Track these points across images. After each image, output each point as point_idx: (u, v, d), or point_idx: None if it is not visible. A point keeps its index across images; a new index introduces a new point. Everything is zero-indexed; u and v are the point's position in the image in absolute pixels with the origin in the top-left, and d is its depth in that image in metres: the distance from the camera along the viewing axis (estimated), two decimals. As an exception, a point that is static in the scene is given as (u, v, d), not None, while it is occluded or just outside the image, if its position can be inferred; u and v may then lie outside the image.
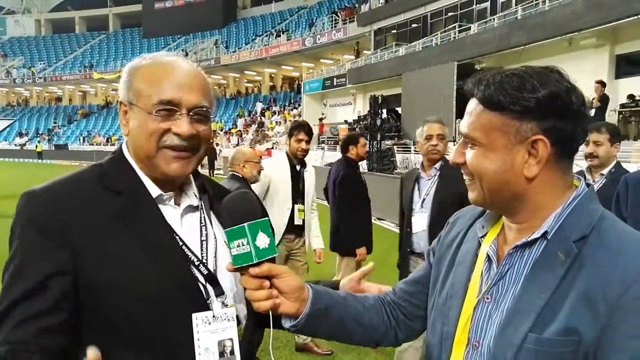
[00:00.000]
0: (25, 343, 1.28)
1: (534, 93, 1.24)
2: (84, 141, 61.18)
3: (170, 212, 1.53)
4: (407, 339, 1.71)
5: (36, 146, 57.21)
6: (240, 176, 4.76)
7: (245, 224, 1.35)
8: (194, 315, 1.45)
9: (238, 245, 1.35)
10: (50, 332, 1.31)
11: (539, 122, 1.26)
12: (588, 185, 1.36)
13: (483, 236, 1.46)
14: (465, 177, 1.41)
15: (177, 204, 1.57)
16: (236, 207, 1.42)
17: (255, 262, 1.36)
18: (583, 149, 3.90)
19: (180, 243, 1.49)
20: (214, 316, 1.47)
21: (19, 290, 1.32)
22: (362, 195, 6.14)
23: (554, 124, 1.26)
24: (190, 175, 1.62)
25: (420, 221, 4.47)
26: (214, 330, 1.47)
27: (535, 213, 1.33)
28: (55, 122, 69.78)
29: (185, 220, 1.56)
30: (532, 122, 1.26)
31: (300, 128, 5.61)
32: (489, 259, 1.40)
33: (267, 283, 1.40)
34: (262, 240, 1.36)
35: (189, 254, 1.49)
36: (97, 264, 1.37)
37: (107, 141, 58.36)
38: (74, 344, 1.36)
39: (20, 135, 67.26)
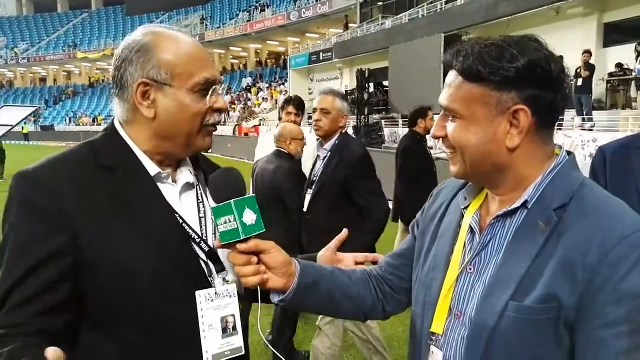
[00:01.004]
0: (21, 326, 1.27)
1: (513, 62, 1.23)
2: (70, 122, 60.76)
3: (169, 190, 1.51)
4: (395, 312, 1.70)
5: (22, 128, 56.57)
6: (286, 152, 4.78)
7: (232, 201, 1.35)
8: (198, 293, 1.44)
9: (225, 222, 1.36)
10: (47, 314, 1.29)
11: (520, 92, 1.25)
12: (569, 153, 1.35)
13: (465, 208, 1.46)
14: (446, 150, 1.40)
15: (174, 181, 1.54)
16: (222, 184, 1.42)
17: (242, 238, 1.36)
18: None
19: (181, 221, 1.47)
20: (216, 293, 1.48)
21: (14, 275, 1.29)
22: (425, 169, 6.29)
23: (534, 93, 1.25)
24: None
25: None
26: (216, 307, 1.47)
27: (518, 183, 1.32)
28: (46, 102, 69.14)
29: (183, 198, 1.54)
30: (513, 92, 1.25)
31: (290, 102, 5.59)
32: (471, 230, 1.41)
33: (254, 259, 1.41)
34: (249, 217, 1.36)
35: (190, 231, 1.47)
36: (97, 244, 1.34)
37: (94, 121, 58.18)
38: (74, 324, 1.36)
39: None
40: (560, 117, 1.41)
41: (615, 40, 20.14)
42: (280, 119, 5.83)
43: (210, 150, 1.61)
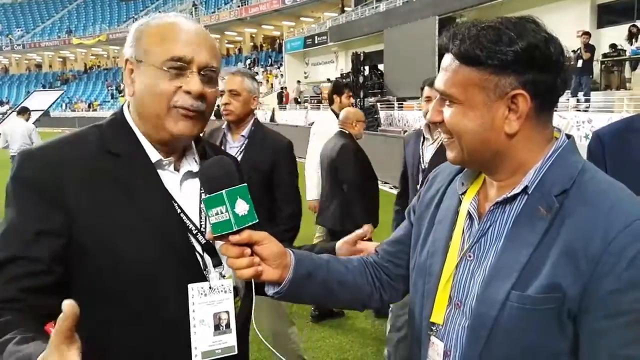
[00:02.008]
0: (11, 301, 1.26)
1: (512, 46, 1.20)
2: (65, 108, 60.50)
3: (170, 178, 1.49)
4: (392, 300, 1.67)
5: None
6: (348, 132, 5.17)
7: (223, 191, 1.31)
8: (190, 286, 1.41)
9: (217, 213, 1.32)
10: (37, 292, 1.28)
11: (518, 76, 1.21)
12: (569, 137, 1.32)
13: (463, 193, 1.43)
14: (442, 135, 1.37)
15: (177, 169, 1.52)
16: (213, 174, 1.37)
17: (235, 229, 1.32)
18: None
19: (179, 210, 1.45)
20: (210, 287, 1.44)
21: (9, 250, 1.30)
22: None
23: (533, 77, 1.21)
24: (192, 140, 1.58)
25: None
26: (209, 302, 1.43)
27: (517, 169, 1.30)
28: (42, 87, 68.66)
29: (184, 187, 1.51)
30: (511, 76, 1.21)
31: (347, 86, 6.06)
32: (470, 216, 1.38)
33: (248, 250, 1.36)
34: (241, 207, 1.32)
35: (187, 222, 1.45)
36: (91, 228, 1.34)
37: (89, 107, 57.82)
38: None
39: (1, 103, 66.34)
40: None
41: (609, 20, 20.21)
42: (332, 102, 6.09)
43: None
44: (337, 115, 5.55)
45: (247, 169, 3.57)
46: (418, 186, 3.82)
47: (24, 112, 12.05)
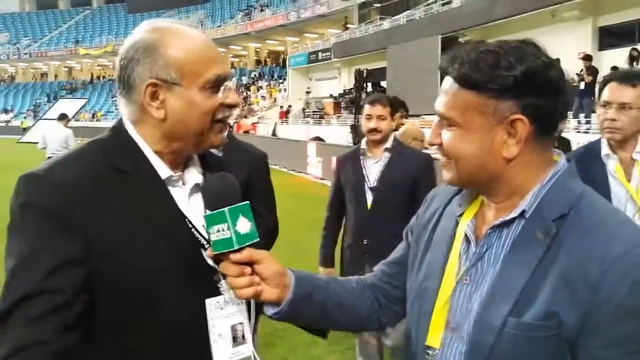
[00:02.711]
0: (43, 344, 1.20)
1: (511, 70, 1.19)
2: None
3: (179, 193, 1.45)
4: (390, 323, 1.65)
5: (21, 122, 56.55)
6: None
7: (226, 209, 1.30)
8: (207, 301, 1.39)
9: (218, 231, 1.31)
10: (68, 328, 1.24)
11: (517, 101, 1.20)
12: (568, 160, 1.31)
13: (460, 215, 1.41)
14: (440, 157, 1.35)
15: (183, 183, 1.49)
16: (216, 190, 1.37)
17: (236, 248, 1.30)
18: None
19: (190, 226, 1.42)
20: (225, 300, 1.42)
21: (27, 284, 1.22)
22: None
23: (532, 102, 1.20)
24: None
25: None
26: (226, 315, 1.42)
27: (515, 192, 1.28)
28: (47, 97, 69.06)
29: (192, 201, 1.48)
30: (510, 101, 1.20)
31: (402, 105, 6.02)
32: (467, 238, 1.36)
33: (248, 270, 1.36)
34: (243, 225, 1.31)
35: (199, 236, 1.42)
36: (108, 251, 1.29)
37: (93, 117, 57.99)
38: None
39: (6, 111, 66.64)
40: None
41: (610, 43, 20.35)
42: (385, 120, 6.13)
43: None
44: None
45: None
46: (368, 205, 3.82)
47: (64, 118, 12.80)
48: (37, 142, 13.02)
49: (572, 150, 2.35)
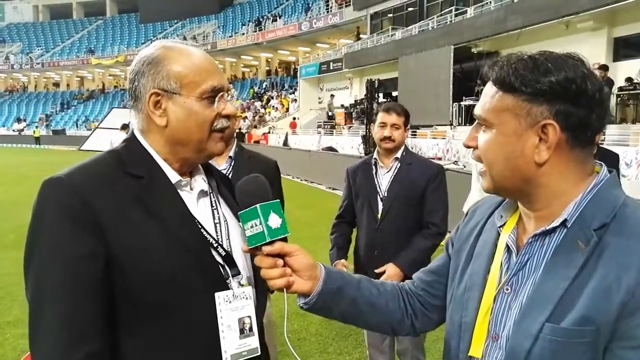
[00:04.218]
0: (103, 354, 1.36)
1: (547, 76, 1.22)
2: (81, 126, 61.16)
3: (188, 197, 1.57)
4: (425, 329, 1.70)
5: (34, 131, 57.21)
6: None
7: (257, 205, 1.41)
8: (217, 295, 1.50)
9: (252, 226, 1.42)
10: (107, 330, 1.38)
11: (550, 106, 1.23)
12: (610, 171, 1.33)
13: (502, 226, 1.44)
14: (478, 164, 1.39)
15: (191, 188, 1.61)
16: (249, 189, 1.48)
17: (268, 241, 1.41)
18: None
19: (199, 226, 1.53)
20: (234, 295, 1.53)
21: (71, 294, 1.34)
22: None
23: (565, 109, 1.22)
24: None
25: None
26: (234, 308, 1.52)
27: (552, 200, 1.30)
28: (61, 105, 69.81)
29: (199, 204, 1.60)
30: (543, 106, 1.23)
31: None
32: (508, 249, 1.38)
33: (280, 262, 1.45)
34: (274, 221, 1.42)
35: (208, 236, 1.53)
36: (125, 249, 1.40)
37: (103, 126, 58.37)
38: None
39: (19, 120, 67.23)
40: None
41: (625, 54, 20.21)
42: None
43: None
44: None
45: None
46: (378, 215, 3.76)
47: (126, 127, 14.28)
48: (98, 150, 14.18)
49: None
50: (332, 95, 36.09)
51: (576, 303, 1.18)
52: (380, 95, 25.98)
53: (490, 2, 25.46)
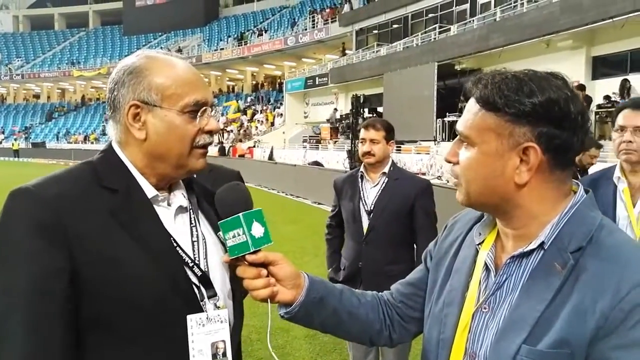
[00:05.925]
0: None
1: (531, 97, 1.21)
2: (61, 139, 60.58)
3: (164, 213, 1.50)
4: (401, 340, 1.68)
5: (12, 144, 56.38)
6: None
7: (240, 214, 1.38)
8: (189, 317, 1.43)
9: (234, 236, 1.38)
10: (72, 344, 1.33)
11: (533, 128, 1.22)
12: (587, 191, 1.33)
13: (480, 243, 1.43)
14: (453, 176, 1.39)
15: (169, 204, 1.54)
16: (230, 198, 1.45)
17: (252, 250, 1.38)
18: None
19: (175, 244, 1.46)
20: (207, 318, 1.46)
21: (33, 305, 1.29)
22: None
23: (547, 131, 1.22)
24: None
25: None
26: (207, 332, 1.46)
27: (530, 220, 1.30)
28: (44, 117, 68.90)
29: (177, 221, 1.53)
30: (526, 127, 1.23)
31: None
32: (486, 267, 1.38)
33: (264, 272, 1.43)
34: (257, 230, 1.38)
35: (183, 255, 1.46)
36: (93, 263, 1.33)
37: (85, 139, 57.93)
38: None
39: (-3, 132, 66.41)
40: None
41: (603, 73, 20.80)
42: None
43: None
44: None
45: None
46: (364, 229, 3.86)
47: None
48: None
49: (588, 175, 2.49)
50: (335, 109, 35.90)
51: (553, 325, 1.18)
52: (366, 110, 26.29)
53: (473, 20, 26.09)
